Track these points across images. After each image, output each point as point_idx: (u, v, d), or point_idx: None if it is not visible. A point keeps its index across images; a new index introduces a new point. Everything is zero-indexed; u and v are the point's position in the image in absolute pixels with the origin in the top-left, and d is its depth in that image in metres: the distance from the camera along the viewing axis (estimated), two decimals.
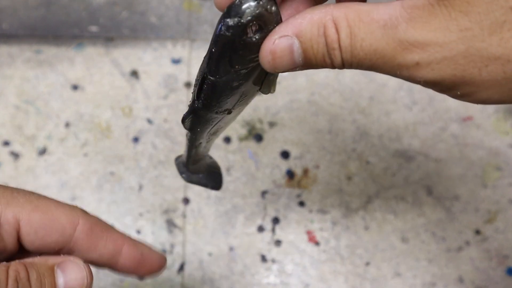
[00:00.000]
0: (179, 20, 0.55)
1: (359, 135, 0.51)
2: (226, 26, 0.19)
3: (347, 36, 0.20)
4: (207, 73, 0.22)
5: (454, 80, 0.20)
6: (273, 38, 0.20)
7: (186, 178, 0.35)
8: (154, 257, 0.30)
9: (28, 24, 0.54)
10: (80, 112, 0.51)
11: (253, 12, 0.19)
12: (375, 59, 0.20)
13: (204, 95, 0.23)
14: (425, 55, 0.19)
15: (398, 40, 0.19)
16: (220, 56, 0.21)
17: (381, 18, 0.19)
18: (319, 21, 0.20)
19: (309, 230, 0.48)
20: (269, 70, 0.21)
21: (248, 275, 0.46)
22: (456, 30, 0.18)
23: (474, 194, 0.49)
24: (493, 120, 0.52)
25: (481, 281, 0.46)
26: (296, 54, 0.21)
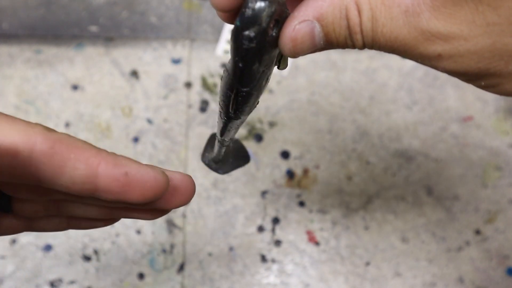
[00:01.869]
0: (179, 20, 0.55)
1: (359, 135, 0.51)
2: (248, 39, 0.19)
3: (369, 19, 0.19)
4: (239, 87, 0.21)
5: (478, 72, 0.19)
6: (292, 24, 0.19)
7: (223, 172, 0.35)
8: (146, 175, 0.22)
9: (28, 24, 0.54)
10: (80, 112, 0.51)
11: (269, 12, 0.18)
12: (395, 46, 0.19)
13: (240, 105, 0.22)
14: (447, 47, 0.19)
15: (420, 29, 0.18)
16: (250, 68, 0.20)
17: (403, 2, 0.18)
18: (341, 3, 0.19)
19: (309, 230, 0.48)
20: (289, 55, 0.20)
21: (248, 275, 0.46)
22: (483, 24, 0.18)
23: (474, 194, 0.49)
24: (493, 120, 0.52)
25: (481, 281, 0.46)
26: (317, 38, 0.20)
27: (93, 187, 0.21)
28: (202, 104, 0.51)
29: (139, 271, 0.46)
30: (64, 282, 0.45)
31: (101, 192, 0.21)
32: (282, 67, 0.23)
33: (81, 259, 0.46)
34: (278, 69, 0.23)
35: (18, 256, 0.46)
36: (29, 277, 0.45)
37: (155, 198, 0.23)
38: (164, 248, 0.46)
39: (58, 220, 0.26)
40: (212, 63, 0.53)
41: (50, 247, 0.46)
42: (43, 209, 0.25)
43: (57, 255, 0.46)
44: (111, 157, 0.21)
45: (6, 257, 0.46)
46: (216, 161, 0.34)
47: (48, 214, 0.25)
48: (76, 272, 0.45)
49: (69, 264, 0.46)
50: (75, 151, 0.21)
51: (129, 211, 0.25)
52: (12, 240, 0.46)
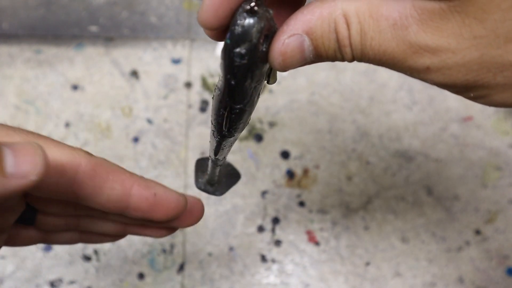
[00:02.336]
0: (179, 20, 0.55)
1: (359, 135, 0.51)
2: (239, 56, 0.19)
3: (358, 33, 0.19)
4: (232, 104, 0.21)
5: (466, 84, 0.19)
6: (282, 38, 0.20)
7: (221, 193, 0.35)
8: (171, 197, 0.26)
9: (28, 24, 0.54)
10: (80, 112, 0.51)
11: (259, 28, 0.18)
12: (384, 59, 0.19)
13: (233, 123, 0.22)
14: (436, 60, 0.19)
15: (408, 43, 0.18)
16: (242, 84, 0.20)
17: (390, 16, 0.18)
18: (329, 16, 0.19)
19: (309, 230, 0.48)
20: (279, 69, 0.20)
21: (248, 275, 0.46)
22: (469, 37, 0.18)
23: (474, 194, 0.49)
24: (493, 120, 0.52)
25: (481, 281, 0.46)
26: (307, 51, 0.20)
27: (125, 205, 0.25)
28: (202, 104, 0.51)
29: (139, 271, 0.46)
30: (64, 282, 0.45)
31: (131, 210, 0.25)
32: (272, 81, 0.23)
33: (81, 259, 0.46)
34: (268, 84, 0.23)
35: (18, 256, 0.46)
36: (29, 277, 0.45)
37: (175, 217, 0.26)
38: (164, 248, 0.46)
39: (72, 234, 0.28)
40: (212, 63, 0.53)
41: (50, 247, 0.46)
42: (64, 223, 0.27)
43: (57, 255, 0.46)
44: (142, 180, 0.25)
45: (6, 257, 0.46)
46: (211, 184, 0.34)
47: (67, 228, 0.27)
48: (76, 272, 0.45)
49: (69, 264, 0.46)
50: (112, 173, 0.24)
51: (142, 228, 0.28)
52: None
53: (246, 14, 0.18)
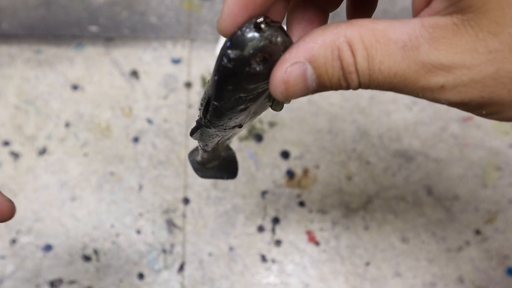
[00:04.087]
0: (179, 20, 0.55)
1: (359, 135, 0.51)
2: (227, 57, 0.18)
3: (364, 59, 0.19)
4: (212, 97, 0.21)
5: (481, 101, 0.19)
6: (284, 66, 0.19)
7: (201, 175, 0.35)
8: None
9: (28, 24, 0.54)
10: (80, 112, 0.51)
11: (256, 45, 0.18)
12: (395, 82, 0.19)
13: (210, 115, 0.22)
14: (450, 78, 0.18)
15: (420, 62, 0.18)
16: (223, 85, 0.20)
17: (399, 39, 0.18)
18: (332, 43, 0.19)
19: (309, 230, 0.48)
20: (281, 99, 0.20)
21: (248, 275, 0.46)
22: (484, 51, 0.17)
23: (474, 194, 0.49)
24: (493, 120, 0.52)
25: (481, 281, 0.46)
26: (310, 80, 0.20)
27: None
28: None
29: (139, 271, 0.46)
30: (64, 282, 0.45)
31: None
32: (276, 108, 0.23)
33: (81, 259, 0.46)
34: (272, 109, 0.23)
35: (18, 256, 0.46)
36: (29, 277, 0.45)
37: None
38: (164, 248, 0.46)
39: None
40: (212, 63, 0.53)
41: (50, 247, 0.46)
42: None
43: (57, 255, 0.46)
44: None
45: (6, 257, 0.46)
46: (198, 162, 0.34)
47: None
48: (76, 272, 0.45)
49: (69, 264, 0.46)
50: None
51: None
52: (12, 240, 0.46)
53: (253, 26, 0.18)
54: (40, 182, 0.48)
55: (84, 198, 0.48)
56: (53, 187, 0.48)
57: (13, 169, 0.49)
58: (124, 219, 0.47)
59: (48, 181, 0.48)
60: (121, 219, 0.47)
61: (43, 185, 0.48)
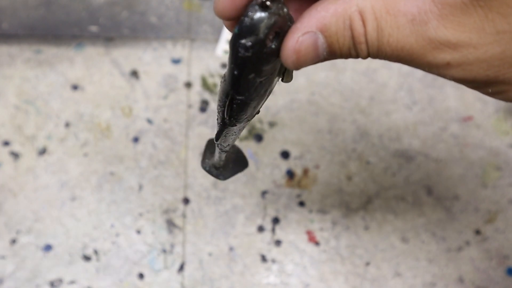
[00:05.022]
0: (179, 20, 0.55)
1: (359, 135, 0.51)
2: (244, 47, 0.18)
3: (374, 29, 0.19)
4: (234, 94, 0.21)
5: (487, 79, 0.19)
6: (295, 36, 0.19)
7: (224, 178, 0.35)
8: None
9: (28, 24, 0.54)
10: (80, 112, 0.51)
11: (268, 24, 0.18)
12: (402, 55, 0.19)
13: (235, 113, 0.22)
14: (457, 55, 0.18)
15: (428, 38, 0.18)
16: (245, 76, 0.19)
17: (409, 11, 0.18)
18: (344, 13, 0.19)
19: (309, 230, 0.48)
20: (292, 68, 0.20)
21: (248, 275, 0.46)
22: (492, 32, 0.18)
23: (474, 194, 0.49)
24: (493, 120, 0.52)
25: (481, 281, 0.46)
26: (321, 49, 0.20)
27: None
28: (202, 104, 0.51)
29: (139, 271, 0.46)
30: (64, 282, 0.45)
31: None
32: (286, 80, 0.23)
33: (81, 259, 0.46)
34: (282, 82, 0.23)
35: (18, 256, 0.46)
36: (29, 277, 0.45)
37: None
38: (164, 248, 0.46)
39: None
40: (212, 63, 0.53)
41: (50, 247, 0.46)
42: None
43: (57, 255, 0.46)
44: None
45: (6, 257, 0.46)
46: (217, 167, 0.34)
47: None
48: (76, 272, 0.45)
49: (69, 264, 0.46)
50: None
51: None
52: (12, 240, 0.46)
53: (258, 7, 0.18)
54: (40, 182, 0.48)
55: (84, 198, 0.48)
56: (53, 187, 0.48)
57: (13, 169, 0.49)
58: (124, 219, 0.47)
59: (48, 181, 0.48)
60: (121, 219, 0.47)
61: (43, 185, 0.48)
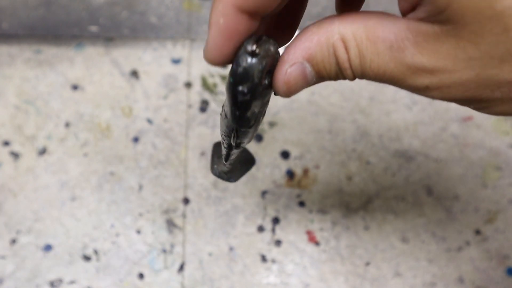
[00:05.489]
0: (179, 20, 0.55)
1: (359, 135, 0.51)
2: (242, 93, 0.19)
3: (356, 56, 0.20)
4: (238, 128, 0.22)
5: (466, 99, 0.20)
6: (284, 68, 0.20)
7: (235, 180, 0.36)
8: None
9: (28, 24, 0.54)
10: (80, 112, 0.51)
11: (260, 69, 0.19)
12: (384, 79, 0.20)
13: (240, 139, 0.24)
14: (434, 80, 0.19)
15: (406, 64, 0.19)
16: (246, 113, 0.21)
17: (387, 38, 0.19)
18: (327, 41, 0.20)
19: (309, 230, 0.48)
20: (284, 97, 0.21)
21: (248, 275, 0.46)
22: (465, 58, 0.18)
23: (474, 194, 0.49)
24: (493, 120, 0.52)
25: (481, 281, 0.46)
26: (309, 76, 0.21)
27: None
28: (202, 104, 0.51)
29: (139, 271, 0.46)
30: (64, 282, 0.45)
31: None
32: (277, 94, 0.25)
33: (81, 259, 0.46)
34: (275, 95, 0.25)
35: (18, 256, 0.46)
36: (29, 277, 0.45)
37: None
38: (164, 248, 0.46)
39: None
40: None
41: (50, 247, 0.46)
42: None
43: (57, 255, 0.46)
44: None
45: (6, 257, 0.46)
46: (228, 171, 0.35)
47: None
48: (76, 272, 0.45)
49: (69, 264, 0.46)
50: None
51: None
52: (12, 240, 0.46)
53: (248, 55, 0.19)
54: (40, 182, 0.48)
55: (84, 198, 0.48)
56: (53, 187, 0.48)
57: (13, 169, 0.49)
58: (124, 219, 0.47)
59: (48, 181, 0.48)
60: (121, 219, 0.47)
61: (43, 185, 0.48)
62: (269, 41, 0.20)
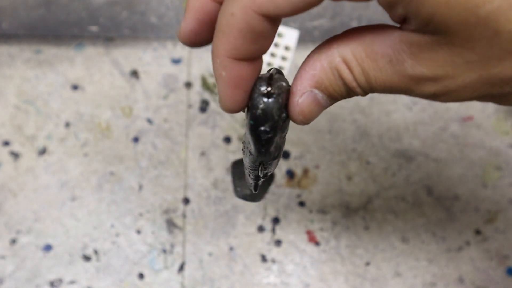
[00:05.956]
0: (179, 20, 0.55)
1: (359, 135, 0.51)
2: (265, 132, 0.20)
3: (361, 74, 0.20)
4: (264, 162, 0.23)
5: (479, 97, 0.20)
6: (295, 100, 0.21)
7: (260, 199, 0.37)
8: None
9: (28, 24, 0.54)
10: (80, 112, 0.51)
11: (277, 107, 0.20)
12: (393, 91, 0.20)
13: (266, 170, 0.24)
14: (439, 87, 0.19)
15: (408, 76, 0.19)
16: (270, 148, 0.21)
17: (385, 52, 0.19)
18: (330, 65, 0.20)
19: (309, 230, 0.48)
20: (304, 124, 0.22)
21: (248, 275, 0.46)
22: (463, 62, 0.18)
23: (474, 194, 0.49)
24: (493, 120, 0.52)
25: (481, 281, 0.46)
26: (323, 101, 0.21)
27: None
28: (202, 104, 0.51)
29: (139, 271, 0.46)
30: (64, 282, 0.45)
31: None
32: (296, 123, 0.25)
33: (81, 259, 0.46)
34: None
35: (18, 256, 0.46)
36: (29, 277, 0.45)
37: None
38: (164, 248, 0.46)
39: None
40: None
41: (50, 247, 0.46)
42: None
43: (57, 255, 0.46)
44: None
45: (6, 257, 0.46)
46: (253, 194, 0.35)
47: None
48: (76, 272, 0.45)
49: (69, 264, 0.46)
50: None
51: None
52: (12, 240, 0.46)
53: (263, 96, 0.19)
54: (40, 182, 0.48)
55: (84, 198, 0.48)
56: (53, 187, 0.48)
57: (13, 169, 0.49)
58: (124, 219, 0.47)
59: (48, 181, 0.48)
60: (121, 219, 0.47)
61: (43, 185, 0.48)
62: (280, 77, 0.20)
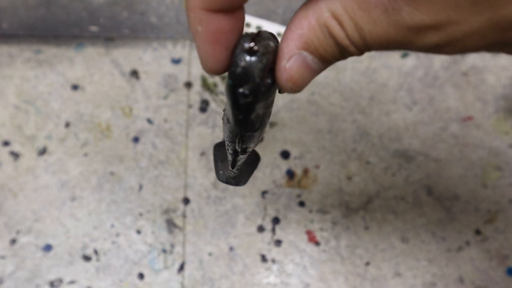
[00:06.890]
0: (179, 20, 0.55)
1: (359, 135, 0.51)
2: (243, 95, 0.18)
3: (354, 29, 0.18)
4: (242, 132, 0.21)
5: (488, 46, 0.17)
6: (282, 65, 0.18)
7: (244, 183, 0.35)
8: None
9: (28, 24, 0.54)
10: (80, 112, 0.51)
11: (260, 67, 0.17)
12: (390, 45, 0.18)
13: (245, 144, 0.22)
14: (442, 35, 0.17)
15: (406, 26, 0.17)
16: (249, 116, 0.19)
17: (379, 2, 0.17)
18: (319, 22, 0.18)
19: (309, 230, 0.48)
20: (292, 92, 0.19)
21: (248, 275, 0.46)
22: (468, 4, 0.16)
23: (474, 194, 0.49)
24: (493, 120, 0.52)
25: (481, 281, 0.46)
26: (313, 64, 0.19)
27: None
28: (202, 104, 0.51)
29: (139, 271, 0.46)
30: (64, 282, 0.45)
31: None
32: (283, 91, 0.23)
33: (81, 259, 0.46)
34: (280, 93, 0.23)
35: (18, 256, 0.46)
36: (29, 277, 0.45)
37: None
38: (164, 248, 0.46)
39: None
40: None
41: (50, 247, 0.46)
42: None
43: (57, 255, 0.46)
44: None
45: (6, 257, 0.46)
46: (236, 176, 0.34)
47: None
48: (76, 272, 0.45)
49: (69, 264, 0.46)
50: None
51: None
52: (12, 240, 0.46)
53: (246, 53, 0.17)
54: (40, 182, 0.48)
55: (84, 198, 0.48)
56: (53, 187, 0.48)
57: (13, 169, 0.49)
58: (124, 219, 0.47)
59: (48, 181, 0.48)
60: (121, 219, 0.47)
61: (43, 185, 0.48)
62: (268, 35, 0.18)
